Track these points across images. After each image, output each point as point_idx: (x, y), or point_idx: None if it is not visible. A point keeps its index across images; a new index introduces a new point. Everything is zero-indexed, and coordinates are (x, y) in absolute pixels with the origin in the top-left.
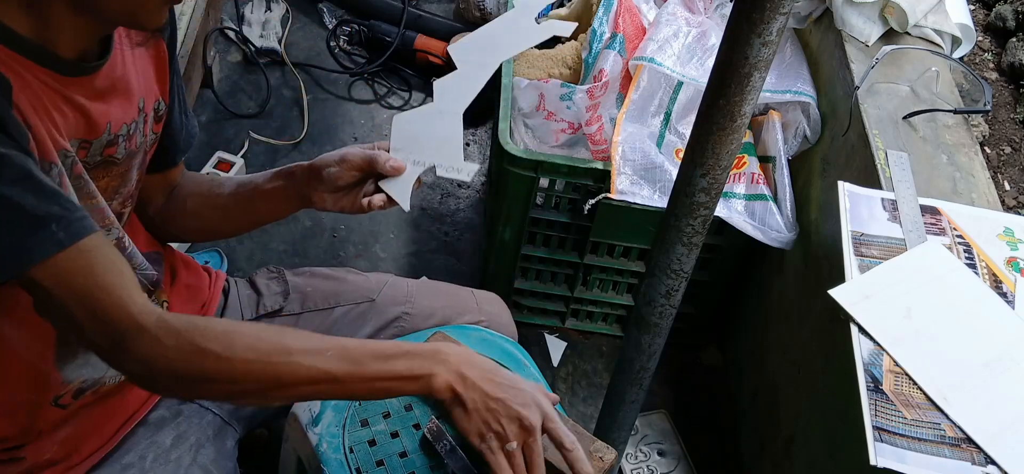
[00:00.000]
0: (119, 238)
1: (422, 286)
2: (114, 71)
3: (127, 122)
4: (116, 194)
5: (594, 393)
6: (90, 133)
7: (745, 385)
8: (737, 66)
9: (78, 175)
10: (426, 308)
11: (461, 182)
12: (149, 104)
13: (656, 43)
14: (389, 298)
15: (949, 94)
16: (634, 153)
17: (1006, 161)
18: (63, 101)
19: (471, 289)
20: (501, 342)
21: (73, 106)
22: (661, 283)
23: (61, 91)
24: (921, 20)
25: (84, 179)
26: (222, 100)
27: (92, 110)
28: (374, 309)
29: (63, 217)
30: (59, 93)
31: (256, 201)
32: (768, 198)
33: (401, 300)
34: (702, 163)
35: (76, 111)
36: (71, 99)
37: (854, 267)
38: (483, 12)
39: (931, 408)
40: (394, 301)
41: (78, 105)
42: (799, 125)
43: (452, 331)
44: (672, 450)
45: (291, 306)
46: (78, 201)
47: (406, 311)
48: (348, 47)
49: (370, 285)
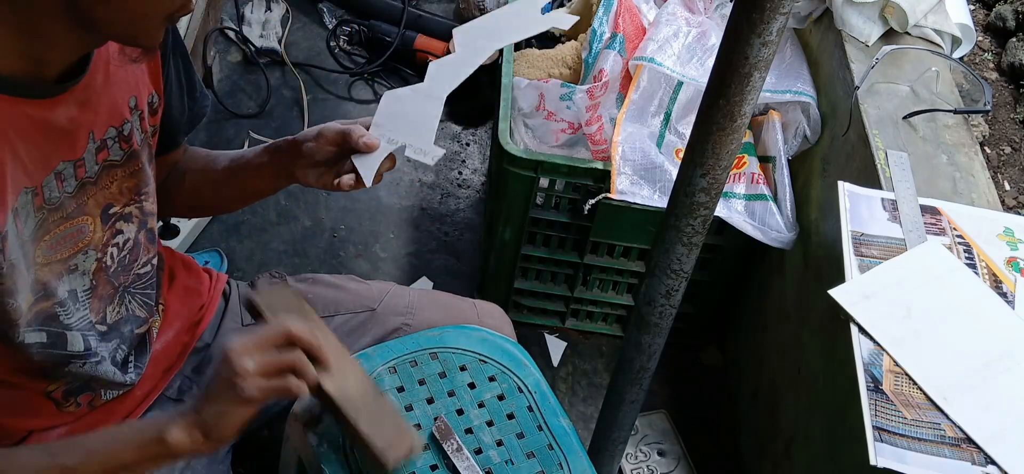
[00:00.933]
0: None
1: (423, 296)
2: (95, 79)
3: (115, 124)
4: (140, 194)
5: (594, 393)
6: (71, 153)
7: (745, 385)
8: (737, 66)
9: (39, 207)
10: (427, 319)
11: (461, 183)
12: (143, 100)
13: (656, 43)
14: (390, 308)
15: (949, 94)
16: (634, 153)
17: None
18: (39, 129)
19: (473, 300)
20: (501, 342)
21: (50, 130)
22: (661, 283)
23: (38, 116)
24: (921, 20)
25: (47, 210)
26: (222, 100)
27: (70, 126)
28: (374, 319)
29: None
30: (34, 120)
31: (246, 176)
32: (768, 198)
33: (402, 310)
34: (702, 163)
35: (53, 134)
36: (49, 122)
37: (854, 267)
38: (483, 12)
39: (931, 408)
40: (395, 311)
41: (56, 127)
42: (799, 125)
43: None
44: (672, 450)
45: None
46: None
47: (406, 322)
48: (348, 47)
49: (371, 294)
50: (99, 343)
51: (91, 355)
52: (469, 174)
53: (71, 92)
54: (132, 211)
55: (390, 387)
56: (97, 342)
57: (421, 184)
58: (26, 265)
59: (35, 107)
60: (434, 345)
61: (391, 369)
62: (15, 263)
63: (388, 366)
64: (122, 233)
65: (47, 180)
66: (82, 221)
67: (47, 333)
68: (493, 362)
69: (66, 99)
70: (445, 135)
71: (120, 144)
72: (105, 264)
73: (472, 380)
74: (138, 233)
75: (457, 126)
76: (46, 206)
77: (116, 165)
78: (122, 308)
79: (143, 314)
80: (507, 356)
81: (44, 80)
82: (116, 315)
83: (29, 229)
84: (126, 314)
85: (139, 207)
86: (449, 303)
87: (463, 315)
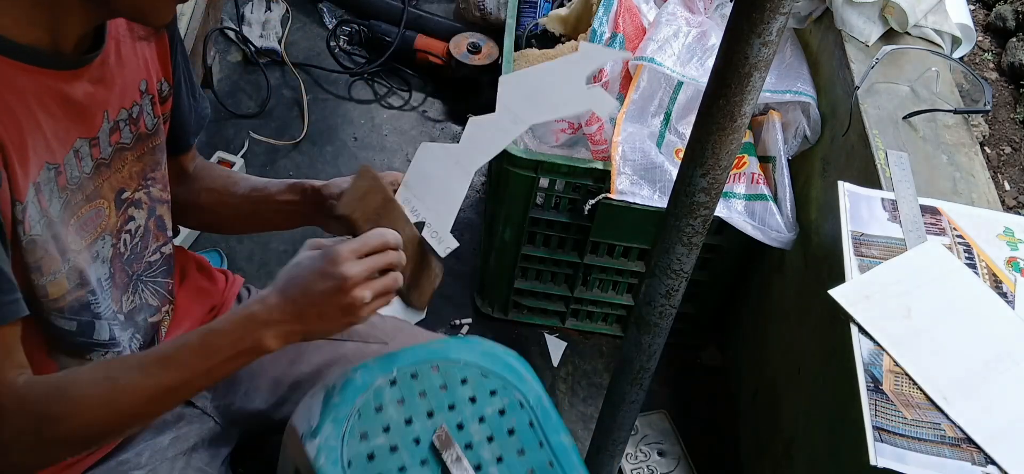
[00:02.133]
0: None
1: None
2: (108, 57)
3: (126, 106)
4: (147, 179)
5: (594, 393)
6: (88, 131)
7: (745, 385)
8: (737, 66)
9: (63, 187)
10: None
11: None
12: (152, 84)
13: (656, 43)
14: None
15: (949, 94)
16: (634, 153)
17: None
18: (58, 102)
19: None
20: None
21: (68, 104)
22: (661, 283)
23: (57, 89)
24: (921, 20)
25: (70, 190)
26: (222, 100)
27: (87, 102)
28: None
29: None
30: (54, 93)
31: (268, 210)
32: (768, 198)
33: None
34: (702, 163)
35: (71, 109)
36: (68, 96)
37: (854, 267)
38: (483, 12)
39: (931, 408)
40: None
41: (74, 101)
42: (799, 125)
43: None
44: (672, 450)
45: None
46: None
47: None
48: (348, 47)
49: (386, 328)
50: (121, 332)
51: (114, 344)
52: None
53: (87, 68)
54: (141, 197)
55: (390, 400)
56: (119, 331)
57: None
58: (59, 250)
59: (55, 79)
60: (436, 357)
61: (391, 381)
62: (36, 239)
63: (388, 378)
64: (133, 219)
65: (68, 158)
66: (99, 204)
67: (78, 323)
68: (495, 375)
69: (83, 74)
70: (446, 135)
71: (130, 126)
72: (119, 251)
73: (473, 394)
74: (148, 220)
75: (457, 126)
76: (69, 186)
77: (127, 148)
78: (136, 297)
79: (155, 302)
80: (509, 369)
81: (62, 53)
82: (131, 304)
83: (56, 209)
84: (140, 303)
85: (147, 192)
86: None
87: None
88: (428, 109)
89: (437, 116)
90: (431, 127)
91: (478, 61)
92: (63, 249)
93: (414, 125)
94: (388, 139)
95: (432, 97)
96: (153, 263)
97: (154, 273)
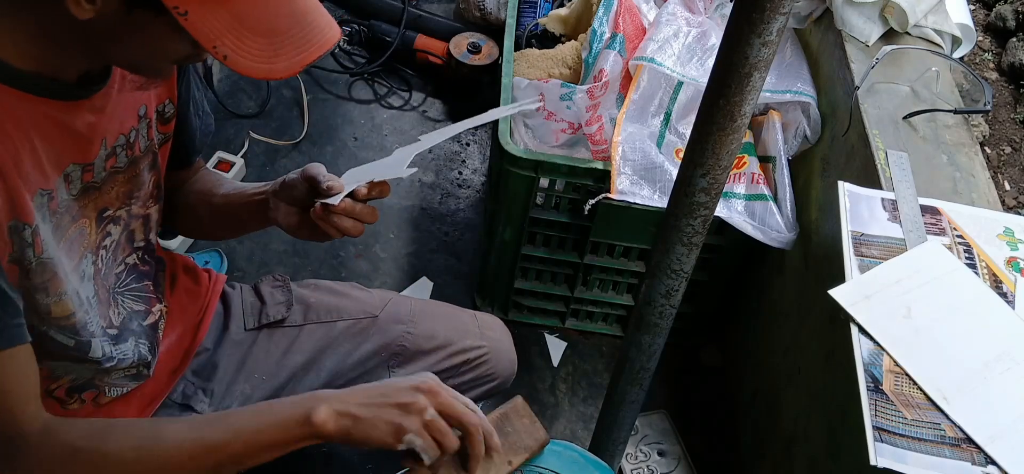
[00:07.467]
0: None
1: (425, 307)
2: (113, 87)
3: (124, 132)
4: (131, 199)
5: (594, 393)
6: (84, 157)
7: (745, 385)
8: (737, 66)
9: (54, 211)
10: (428, 329)
11: (461, 183)
12: (151, 109)
13: (656, 43)
14: (392, 316)
15: (949, 94)
16: (634, 153)
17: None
18: (58, 128)
19: (473, 312)
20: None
21: (68, 132)
22: (661, 283)
23: (57, 118)
24: (921, 20)
25: (60, 214)
26: (222, 100)
27: (88, 132)
28: (376, 325)
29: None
30: (54, 121)
31: (240, 204)
32: (768, 198)
33: (404, 318)
34: (702, 163)
35: (69, 137)
36: (68, 125)
37: (854, 267)
38: (483, 12)
39: (931, 408)
40: (397, 319)
41: (74, 130)
42: (799, 125)
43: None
44: (672, 450)
45: (294, 317)
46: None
47: (408, 330)
48: (348, 47)
49: (373, 301)
50: (114, 347)
51: (109, 360)
52: (469, 174)
53: (91, 99)
54: (121, 214)
55: None
56: (111, 347)
57: (421, 184)
58: (64, 273)
59: (56, 108)
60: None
61: None
62: (46, 262)
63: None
64: (110, 235)
65: (58, 182)
66: (83, 223)
67: (76, 341)
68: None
69: (86, 105)
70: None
71: (126, 151)
72: (98, 268)
73: None
74: (121, 235)
75: None
76: (59, 210)
77: (119, 172)
78: (120, 309)
79: (142, 306)
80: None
81: (64, 83)
82: (119, 317)
83: (48, 232)
84: (127, 312)
85: (127, 210)
86: (449, 314)
87: (463, 326)
88: (428, 109)
89: (437, 116)
90: (431, 127)
91: (478, 61)
92: (65, 272)
93: (414, 125)
94: (388, 139)
95: (432, 97)
96: (119, 274)
97: (126, 282)
